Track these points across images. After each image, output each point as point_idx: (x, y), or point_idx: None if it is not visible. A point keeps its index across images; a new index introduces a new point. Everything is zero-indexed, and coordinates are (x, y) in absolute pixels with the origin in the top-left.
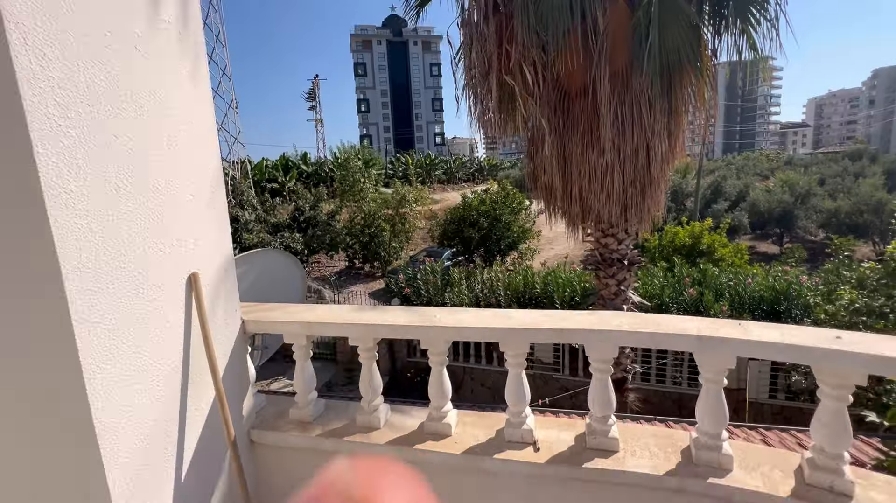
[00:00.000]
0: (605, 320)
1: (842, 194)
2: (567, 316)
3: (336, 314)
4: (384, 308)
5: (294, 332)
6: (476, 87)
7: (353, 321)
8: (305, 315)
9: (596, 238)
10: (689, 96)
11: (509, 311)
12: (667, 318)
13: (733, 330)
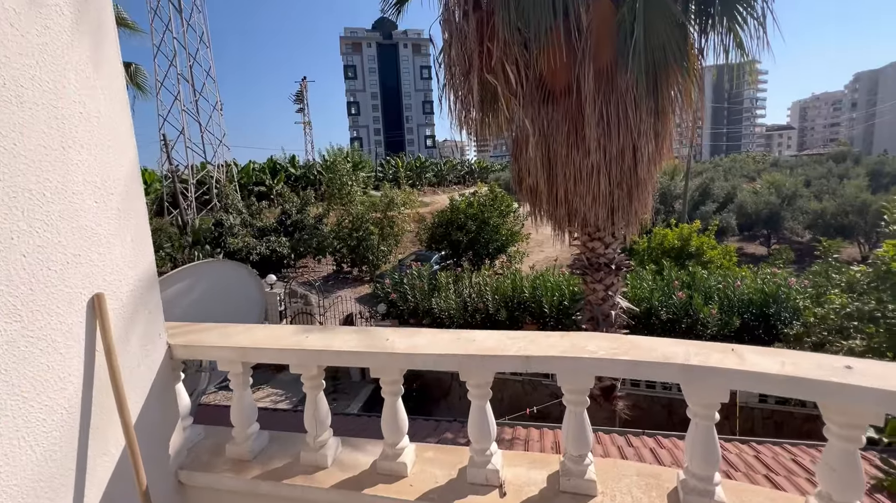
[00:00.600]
0: (579, 345)
1: (827, 195)
2: (536, 338)
3: (276, 337)
4: (332, 330)
5: (228, 359)
6: (457, 87)
7: (295, 346)
8: (240, 339)
9: (583, 242)
10: (675, 96)
11: (473, 334)
12: (650, 343)
13: (726, 357)
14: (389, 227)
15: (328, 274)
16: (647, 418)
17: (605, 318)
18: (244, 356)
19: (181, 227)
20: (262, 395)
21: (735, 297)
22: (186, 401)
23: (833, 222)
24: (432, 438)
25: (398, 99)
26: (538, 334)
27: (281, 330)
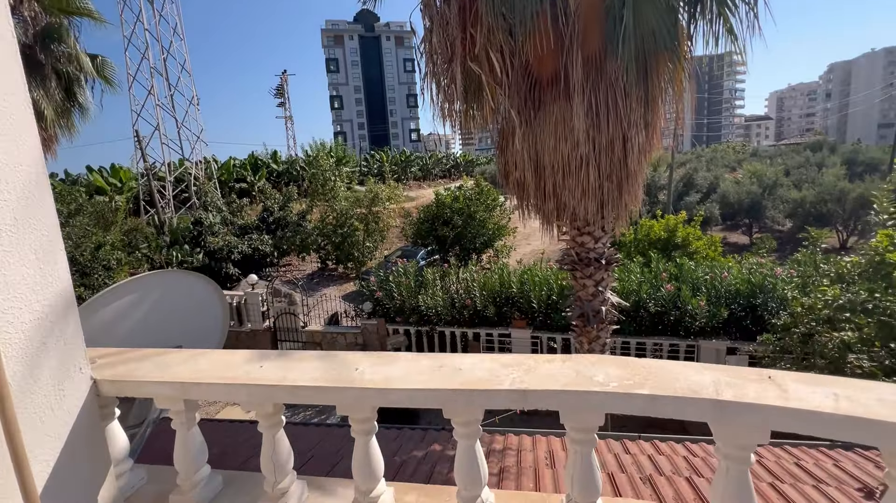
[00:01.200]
0: (585, 375)
1: (806, 184)
2: (533, 366)
3: (224, 367)
4: (291, 356)
5: (165, 396)
6: (439, 76)
7: (246, 380)
8: (180, 371)
9: (572, 236)
10: (666, 84)
11: (458, 361)
12: (670, 369)
13: (765, 389)
14: (374, 223)
15: (313, 271)
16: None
17: (596, 314)
18: (185, 392)
19: (158, 227)
20: None
21: (722, 288)
22: (122, 443)
23: (813, 210)
24: (419, 450)
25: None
26: (536, 360)
27: (231, 357)
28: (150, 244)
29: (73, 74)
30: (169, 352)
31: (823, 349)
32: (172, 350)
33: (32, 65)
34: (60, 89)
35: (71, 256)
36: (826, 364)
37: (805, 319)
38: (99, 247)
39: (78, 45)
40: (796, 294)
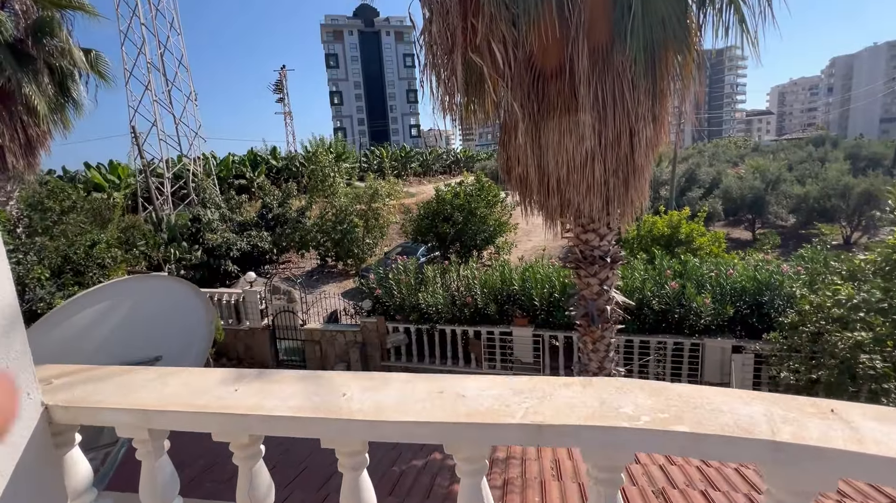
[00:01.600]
0: (611, 406)
1: (810, 179)
2: (550, 391)
3: (194, 391)
4: (270, 376)
5: (126, 424)
6: (439, 68)
7: (217, 408)
8: (144, 395)
9: (576, 234)
10: (675, 75)
11: (461, 384)
12: (712, 398)
13: (831, 429)
14: (374, 220)
15: (312, 268)
16: None
17: (600, 314)
18: (147, 421)
19: (156, 224)
20: None
21: (728, 286)
22: (84, 472)
23: (816, 206)
24: (418, 459)
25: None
26: (552, 384)
27: (204, 377)
28: (148, 241)
29: (66, 69)
30: (136, 371)
31: (834, 349)
32: (140, 368)
33: (24, 59)
34: (53, 84)
35: (64, 254)
36: (836, 364)
37: (814, 318)
38: (93, 245)
39: (71, 39)
40: (804, 291)
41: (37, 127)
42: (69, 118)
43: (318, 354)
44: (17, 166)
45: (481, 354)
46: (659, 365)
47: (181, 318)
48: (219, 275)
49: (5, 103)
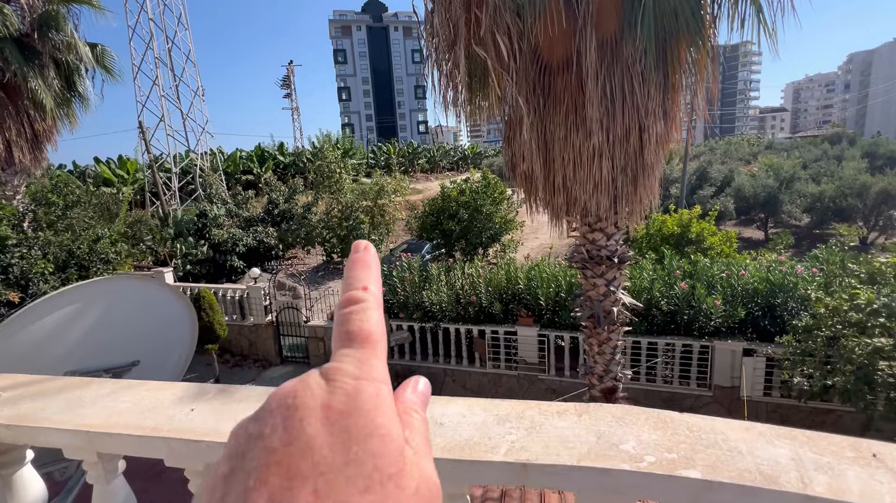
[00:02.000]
0: (609, 442)
1: (825, 178)
2: (540, 421)
3: (146, 410)
4: (235, 394)
5: (72, 446)
6: (441, 61)
7: (167, 431)
8: (91, 415)
9: (582, 233)
10: (687, 68)
11: (440, 408)
12: (728, 435)
13: (874, 477)
14: (380, 216)
15: (318, 264)
16: None
17: (607, 316)
18: (94, 444)
19: (163, 219)
20: None
21: (739, 287)
22: (35, 492)
23: (832, 205)
24: None
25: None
26: (543, 411)
27: (161, 393)
28: (155, 236)
29: (72, 64)
30: (90, 385)
31: (851, 354)
32: (96, 380)
33: (30, 53)
34: (60, 78)
35: (69, 249)
36: (853, 370)
37: (829, 321)
38: (97, 239)
39: (76, 34)
40: (819, 294)
41: (43, 121)
42: (75, 113)
43: (323, 351)
44: (24, 161)
45: (485, 354)
46: (667, 367)
47: (162, 322)
48: (224, 270)
49: (12, 98)
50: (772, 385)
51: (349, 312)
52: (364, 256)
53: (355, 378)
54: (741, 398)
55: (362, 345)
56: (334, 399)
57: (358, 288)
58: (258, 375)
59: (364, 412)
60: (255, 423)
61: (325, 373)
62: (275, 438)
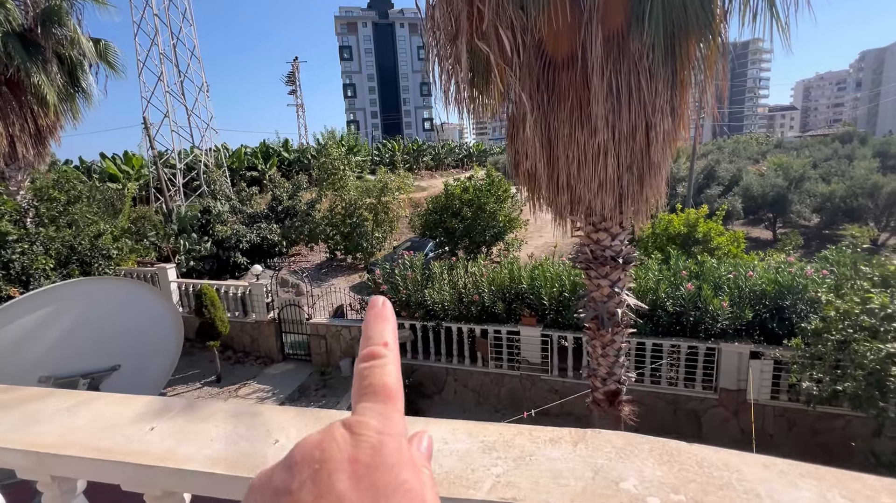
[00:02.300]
0: (608, 478)
1: (836, 177)
2: (530, 450)
3: (104, 428)
4: (201, 410)
5: (22, 467)
6: (443, 56)
7: (122, 455)
8: (45, 433)
9: (586, 233)
10: (697, 64)
11: None
12: (744, 473)
13: None
14: (384, 213)
15: (321, 262)
16: (652, 416)
17: (611, 317)
18: (45, 465)
19: (167, 215)
20: (248, 392)
21: (747, 288)
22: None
23: (842, 205)
24: None
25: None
26: (534, 437)
27: (123, 408)
28: (158, 232)
29: (75, 59)
30: (50, 397)
31: (862, 360)
32: (59, 392)
33: (33, 48)
34: (63, 74)
35: (70, 245)
36: (865, 376)
37: (840, 325)
38: (98, 235)
39: (79, 29)
40: (830, 297)
41: (46, 117)
42: (79, 108)
43: (324, 349)
44: (28, 156)
45: (488, 353)
46: (671, 369)
47: (145, 325)
48: (228, 266)
49: (15, 93)
50: (779, 388)
51: (370, 367)
52: (382, 311)
53: (379, 432)
54: (748, 401)
55: (384, 401)
56: (360, 453)
57: (378, 343)
58: (260, 372)
59: (389, 467)
60: (282, 476)
61: (349, 426)
62: (304, 494)
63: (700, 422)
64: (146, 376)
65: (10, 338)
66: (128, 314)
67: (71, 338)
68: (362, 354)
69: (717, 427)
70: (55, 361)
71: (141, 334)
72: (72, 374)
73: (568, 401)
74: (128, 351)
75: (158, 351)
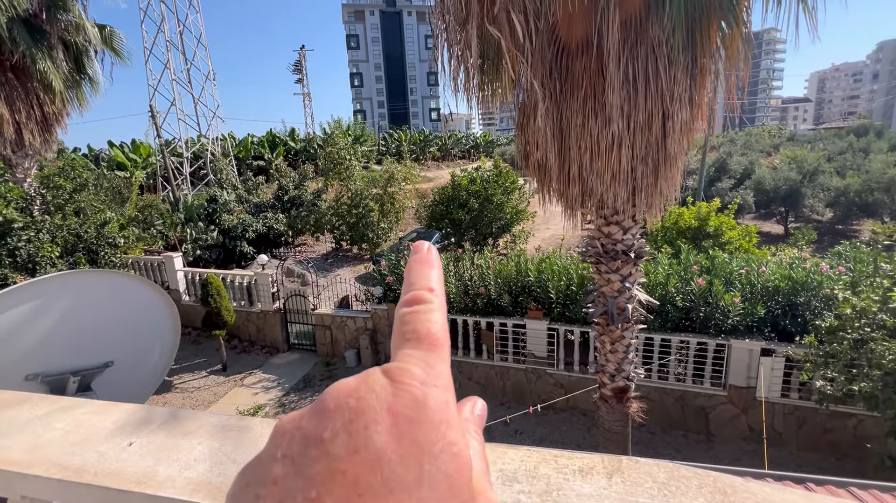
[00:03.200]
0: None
1: (851, 171)
2: (556, 482)
3: (78, 442)
4: (186, 423)
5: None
6: (452, 41)
7: (91, 476)
8: (13, 448)
9: (597, 226)
10: (717, 50)
11: None
12: None
13: None
14: (390, 204)
15: (327, 252)
16: (660, 411)
17: (621, 313)
18: (12, 485)
19: (173, 204)
20: (254, 381)
21: (759, 284)
22: None
23: (857, 200)
24: None
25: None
26: (561, 466)
27: (100, 418)
28: (165, 221)
29: (81, 45)
30: (26, 402)
31: (881, 360)
32: (35, 397)
33: (38, 34)
34: (68, 60)
35: (76, 233)
36: (882, 376)
37: (856, 323)
38: (104, 223)
39: (84, 15)
40: (846, 294)
41: (52, 104)
42: (85, 95)
43: (329, 339)
44: (34, 143)
45: (493, 346)
46: (680, 365)
47: (140, 319)
48: (234, 256)
49: (20, 79)
50: (790, 386)
51: (414, 311)
52: (427, 257)
53: (422, 383)
54: (757, 399)
55: (429, 348)
56: (400, 403)
57: (423, 287)
58: (265, 362)
59: (435, 423)
60: (312, 422)
61: (388, 373)
62: (338, 444)
63: (708, 419)
64: (141, 371)
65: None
66: (121, 308)
67: (61, 333)
68: (405, 299)
69: (726, 424)
70: (44, 358)
71: (135, 328)
72: (61, 372)
73: (574, 396)
74: (122, 346)
75: (154, 344)
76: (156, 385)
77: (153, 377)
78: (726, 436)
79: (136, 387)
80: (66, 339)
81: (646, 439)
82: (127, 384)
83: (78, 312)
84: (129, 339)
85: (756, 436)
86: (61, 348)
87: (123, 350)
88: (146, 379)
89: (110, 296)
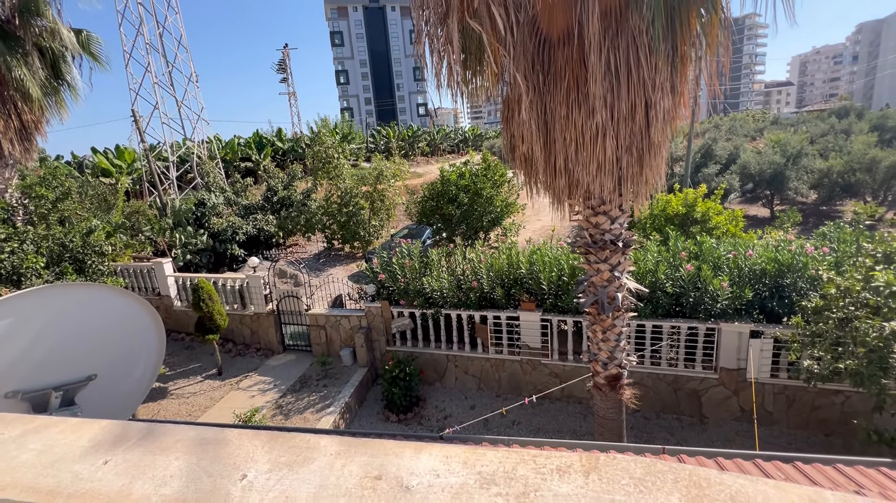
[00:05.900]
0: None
1: (833, 153)
2: (534, 483)
3: (52, 462)
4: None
5: None
6: (432, 36)
7: (63, 499)
8: None
9: (585, 216)
10: (697, 39)
11: (407, 465)
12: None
13: None
14: (380, 201)
15: (319, 251)
16: (654, 396)
17: (611, 302)
18: None
19: (161, 209)
20: (250, 384)
21: (746, 268)
22: None
23: (840, 181)
24: None
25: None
26: (539, 466)
27: (74, 437)
28: (153, 227)
29: (57, 51)
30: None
31: (864, 337)
32: (11, 417)
33: (12, 40)
34: (45, 67)
35: (61, 243)
36: (866, 353)
37: (841, 303)
38: (90, 232)
39: (59, 19)
40: (831, 274)
41: (31, 112)
42: (65, 102)
43: (324, 339)
44: (13, 153)
45: (488, 339)
46: (672, 350)
47: (122, 331)
48: (225, 259)
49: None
50: (779, 367)
51: None
52: None
53: None
54: (748, 380)
55: None
56: None
57: None
58: (261, 364)
59: None
60: None
61: None
62: None
63: (700, 402)
64: (128, 382)
65: None
66: (102, 319)
67: (40, 348)
68: None
69: (718, 406)
70: (23, 375)
71: (118, 339)
72: (43, 387)
73: (569, 385)
74: (104, 358)
75: (138, 357)
76: (144, 394)
77: (140, 387)
78: (719, 417)
79: (122, 399)
80: (46, 355)
81: (640, 424)
82: (113, 395)
83: (56, 327)
84: (111, 351)
85: (748, 417)
86: (41, 364)
87: (107, 362)
88: (133, 389)
89: (90, 308)
